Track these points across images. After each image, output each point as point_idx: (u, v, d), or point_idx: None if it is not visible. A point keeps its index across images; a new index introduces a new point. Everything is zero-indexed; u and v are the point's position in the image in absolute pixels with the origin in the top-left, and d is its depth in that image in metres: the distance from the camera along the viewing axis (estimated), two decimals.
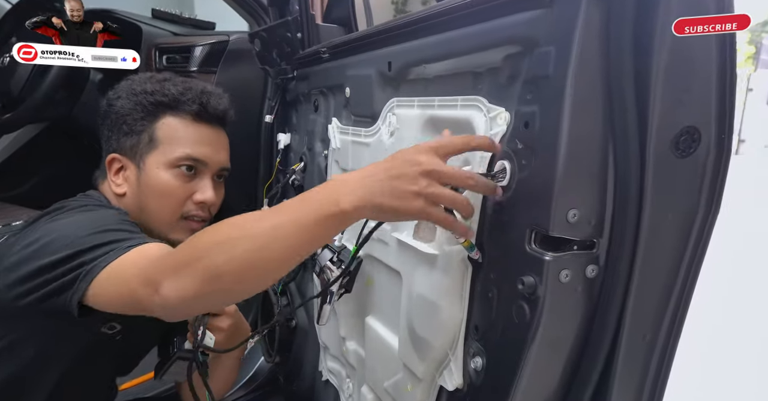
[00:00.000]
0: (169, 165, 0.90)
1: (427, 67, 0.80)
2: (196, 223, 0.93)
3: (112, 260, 0.70)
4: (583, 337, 0.62)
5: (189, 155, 0.90)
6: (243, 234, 0.59)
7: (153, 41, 1.69)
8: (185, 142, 0.91)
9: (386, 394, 0.96)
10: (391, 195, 0.57)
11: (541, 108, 0.58)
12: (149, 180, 0.90)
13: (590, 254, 0.59)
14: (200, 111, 0.92)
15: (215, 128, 0.96)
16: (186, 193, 0.91)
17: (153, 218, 0.91)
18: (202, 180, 0.93)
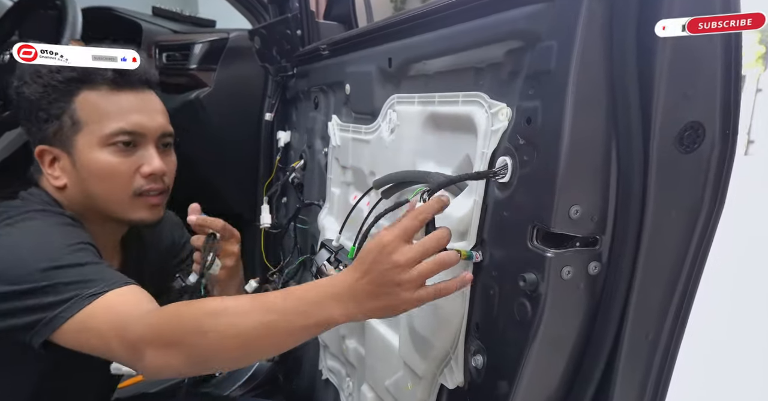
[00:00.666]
0: (103, 144, 0.81)
1: (427, 64, 0.80)
2: (153, 197, 0.87)
3: (75, 311, 0.67)
4: (585, 335, 0.62)
5: (121, 129, 0.81)
6: (231, 328, 0.62)
7: (153, 39, 1.69)
8: (112, 115, 0.81)
9: (387, 393, 0.95)
10: (382, 301, 0.60)
11: (543, 103, 0.57)
12: (86, 165, 0.82)
13: (593, 250, 0.58)
14: (116, 77, 0.82)
15: (141, 92, 0.85)
16: (130, 169, 0.83)
17: (105, 203, 0.85)
18: (145, 151, 0.84)
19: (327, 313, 0.61)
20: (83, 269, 0.71)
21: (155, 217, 0.88)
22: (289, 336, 0.63)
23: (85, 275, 0.70)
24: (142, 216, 0.87)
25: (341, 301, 0.60)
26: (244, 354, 0.65)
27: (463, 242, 0.70)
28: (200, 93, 1.54)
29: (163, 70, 1.66)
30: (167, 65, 1.64)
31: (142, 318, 0.66)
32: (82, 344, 0.69)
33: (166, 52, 1.65)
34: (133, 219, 0.87)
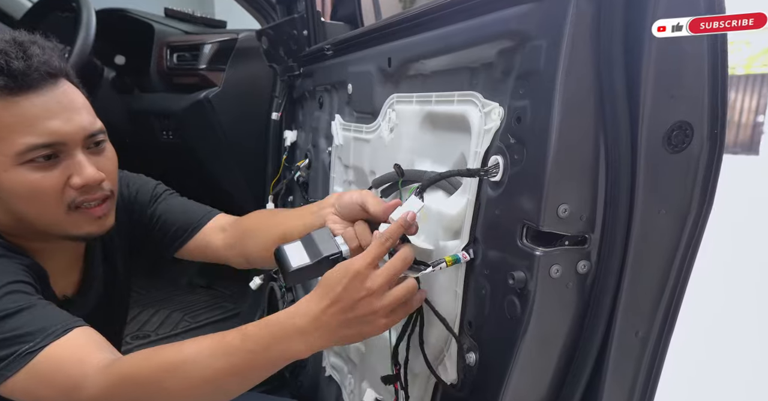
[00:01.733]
0: (17, 162, 0.68)
1: (425, 63, 0.81)
2: (94, 208, 0.75)
3: (15, 369, 0.61)
4: (575, 333, 0.62)
5: (32, 145, 0.68)
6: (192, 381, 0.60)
7: (165, 40, 1.72)
8: (18, 129, 0.67)
9: (385, 390, 0.96)
10: (354, 329, 0.60)
11: (532, 103, 0.58)
12: (4, 187, 0.70)
13: (582, 249, 0.58)
14: (10, 82, 0.66)
15: (48, 90, 0.69)
16: (57, 183, 0.71)
17: (39, 225, 0.74)
18: (71, 160, 0.71)
19: (289, 348, 0.60)
20: (15, 319, 0.63)
21: (103, 228, 0.77)
22: (253, 375, 0.62)
23: (19, 327, 0.62)
24: (88, 230, 0.76)
25: (305, 334, 0.59)
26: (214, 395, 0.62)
27: (456, 240, 0.71)
28: (209, 93, 1.57)
29: (174, 70, 1.69)
30: (178, 65, 1.68)
31: (95, 377, 0.60)
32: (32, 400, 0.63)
33: (176, 53, 1.68)
34: (78, 235, 0.76)
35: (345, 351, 1.16)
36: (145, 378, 0.60)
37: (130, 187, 0.97)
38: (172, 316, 2.02)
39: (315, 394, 1.44)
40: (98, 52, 1.58)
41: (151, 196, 0.98)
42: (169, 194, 1.00)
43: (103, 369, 0.61)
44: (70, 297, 0.84)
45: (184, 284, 2.32)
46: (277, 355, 0.60)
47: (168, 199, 0.99)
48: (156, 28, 1.73)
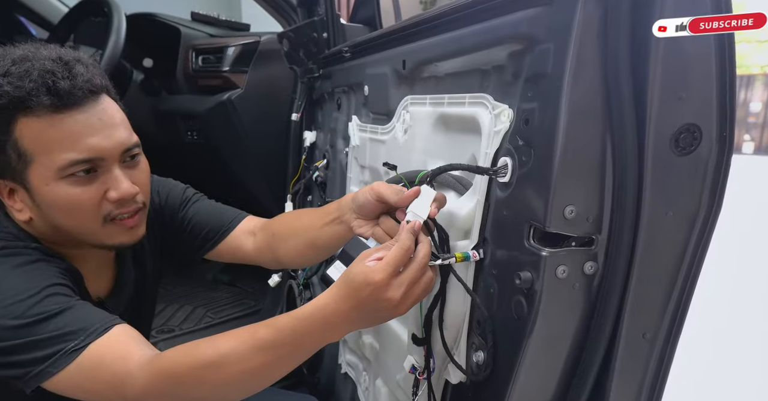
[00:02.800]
0: (58, 177, 0.71)
1: (438, 65, 0.82)
2: (127, 220, 0.78)
3: (62, 367, 0.64)
4: (581, 334, 0.62)
5: (75, 160, 0.70)
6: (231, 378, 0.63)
7: (190, 43, 1.77)
8: (61, 144, 0.70)
9: (398, 387, 0.98)
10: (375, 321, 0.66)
11: (540, 105, 0.58)
12: (45, 200, 0.73)
13: (588, 250, 0.59)
14: (54, 100, 0.69)
15: (89, 107, 0.72)
16: (95, 197, 0.74)
17: (76, 234, 0.77)
18: (108, 174, 0.74)
19: (322, 338, 0.65)
20: (57, 320, 0.66)
21: (134, 238, 0.80)
22: (286, 367, 0.66)
23: (62, 327, 0.65)
24: (121, 240, 0.79)
25: (333, 327, 0.64)
26: (246, 393, 0.67)
27: (466, 240, 0.72)
28: (232, 94, 1.61)
29: (199, 73, 1.74)
30: (202, 68, 1.73)
31: (139, 373, 0.64)
32: (78, 395, 0.67)
33: (201, 55, 1.73)
34: (112, 245, 0.80)
35: (360, 348, 1.18)
36: (185, 374, 0.64)
37: (161, 193, 1.00)
38: (196, 312, 2.08)
39: (332, 390, 1.46)
40: (128, 55, 1.64)
41: (181, 200, 1.01)
42: (198, 197, 1.03)
43: (145, 365, 0.64)
44: (103, 299, 0.87)
45: (208, 281, 2.38)
46: (309, 346, 0.65)
47: (198, 202, 1.02)
48: (182, 32, 1.78)
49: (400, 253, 0.62)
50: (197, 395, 0.65)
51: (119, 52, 1.49)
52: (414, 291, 0.63)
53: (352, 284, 0.62)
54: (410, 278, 0.62)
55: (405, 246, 0.63)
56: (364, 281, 0.61)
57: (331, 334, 0.65)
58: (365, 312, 0.63)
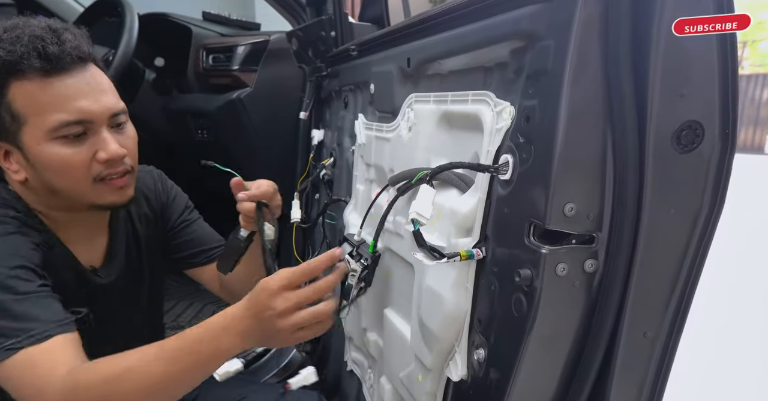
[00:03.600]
0: (49, 137, 0.75)
1: (442, 63, 0.82)
2: (117, 180, 0.82)
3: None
4: (582, 332, 0.62)
5: (65, 121, 0.75)
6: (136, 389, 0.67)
7: (201, 42, 1.79)
8: (52, 106, 0.74)
9: (401, 385, 0.98)
10: (267, 340, 0.69)
11: (541, 102, 0.58)
12: (38, 160, 0.77)
13: (589, 248, 0.58)
14: (46, 64, 0.73)
15: (78, 72, 0.76)
16: (86, 157, 0.78)
17: (67, 194, 0.81)
18: (97, 136, 0.78)
19: (219, 346, 0.67)
20: (8, 311, 0.69)
21: (124, 198, 0.85)
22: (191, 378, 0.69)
23: (9, 322, 0.68)
24: (111, 200, 0.83)
25: (230, 334, 0.67)
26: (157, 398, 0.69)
27: (468, 238, 0.72)
28: (241, 93, 1.62)
29: (209, 71, 1.76)
30: (213, 66, 1.74)
31: (58, 384, 0.66)
32: (8, 389, 0.70)
33: (212, 55, 1.75)
34: (102, 204, 0.83)
35: (365, 346, 1.19)
36: (96, 387, 0.67)
37: (169, 190, 1.07)
38: (205, 309, 2.10)
39: (337, 388, 1.47)
40: (140, 54, 1.67)
41: (185, 207, 1.09)
42: (199, 217, 1.11)
43: (66, 376, 0.67)
44: (96, 268, 0.92)
45: None
46: (212, 355, 0.68)
47: (199, 221, 1.10)
48: (194, 31, 1.80)
49: (303, 268, 0.67)
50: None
51: (131, 51, 1.51)
52: (301, 313, 0.66)
53: (255, 290, 0.67)
54: (301, 296, 0.66)
55: (312, 264, 0.67)
56: (260, 287, 0.66)
57: (231, 342, 0.67)
58: (259, 321, 0.66)
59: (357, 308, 1.16)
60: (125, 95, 1.82)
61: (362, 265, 0.99)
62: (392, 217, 0.98)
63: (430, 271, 0.80)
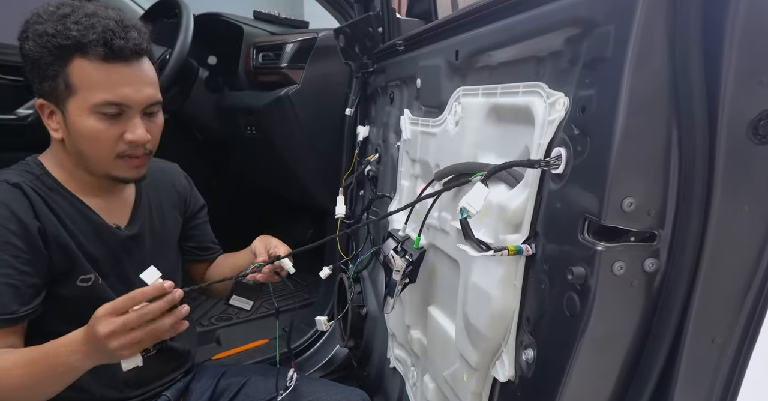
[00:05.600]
0: (91, 111, 0.86)
1: (491, 55, 0.79)
2: (135, 159, 0.93)
3: None
4: (641, 335, 0.58)
5: (108, 101, 0.86)
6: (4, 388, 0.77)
7: (252, 41, 1.84)
8: (101, 86, 0.85)
9: (445, 383, 0.96)
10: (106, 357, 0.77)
11: (598, 91, 0.55)
12: (75, 126, 0.87)
13: (649, 246, 0.55)
14: (108, 52, 0.84)
15: (131, 64, 0.88)
16: (114, 135, 0.88)
17: (90, 161, 0.91)
18: (130, 120, 0.89)
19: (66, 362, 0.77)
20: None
21: (137, 175, 0.96)
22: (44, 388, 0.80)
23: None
24: (125, 175, 0.94)
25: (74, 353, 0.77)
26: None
27: (517, 234, 0.69)
28: (289, 90, 1.65)
29: (259, 69, 1.80)
30: (262, 64, 1.78)
31: None
32: None
33: (262, 53, 1.79)
34: (117, 176, 0.93)
35: (408, 343, 1.18)
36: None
37: (192, 187, 1.22)
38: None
39: (380, 385, 1.47)
40: (194, 53, 1.72)
41: (202, 205, 1.24)
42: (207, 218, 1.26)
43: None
44: (121, 227, 1.02)
45: None
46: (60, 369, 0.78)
47: (206, 223, 1.25)
48: (245, 30, 1.85)
49: (126, 297, 0.75)
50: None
51: (186, 50, 1.56)
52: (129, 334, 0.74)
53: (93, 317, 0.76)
54: (123, 321, 0.73)
55: (136, 293, 0.75)
56: (93, 315, 0.75)
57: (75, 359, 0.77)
58: (92, 343, 0.75)
59: (400, 305, 1.16)
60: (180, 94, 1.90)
61: (407, 261, 0.98)
62: (437, 213, 0.96)
63: (477, 268, 0.78)
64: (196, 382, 1.14)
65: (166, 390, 1.07)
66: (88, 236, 0.94)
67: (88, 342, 0.76)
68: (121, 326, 0.73)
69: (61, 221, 0.91)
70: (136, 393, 1.02)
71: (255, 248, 1.08)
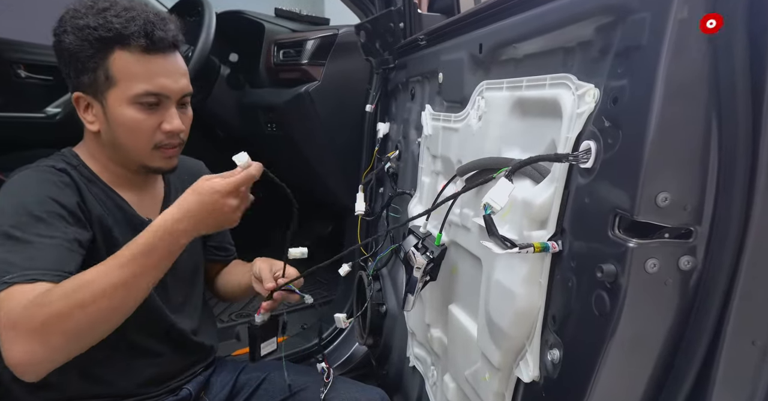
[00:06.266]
0: (131, 101, 0.89)
1: (517, 47, 0.77)
2: (169, 150, 0.95)
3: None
4: (675, 336, 0.56)
5: (148, 91, 0.89)
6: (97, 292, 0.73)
7: (273, 38, 1.84)
8: (142, 77, 0.88)
9: (466, 383, 0.95)
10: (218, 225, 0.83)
11: (632, 81, 0.53)
12: (115, 117, 0.90)
13: (685, 243, 0.52)
14: (148, 44, 0.88)
15: (169, 56, 0.92)
16: (153, 125, 0.91)
17: (128, 152, 0.94)
18: (167, 110, 0.92)
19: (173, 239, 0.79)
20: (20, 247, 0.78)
21: (170, 166, 0.98)
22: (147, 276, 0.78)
23: (13, 256, 0.77)
24: (159, 165, 0.96)
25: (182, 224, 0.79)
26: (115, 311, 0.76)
27: (543, 230, 0.67)
28: (309, 86, 1.64)
29: (280, 66, 1.80)
30: (283, 61, 1.78)
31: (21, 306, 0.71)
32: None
33: (282, 50, 1.79)
34: (151, 167, 0.96)
35: (428, 342, 1.16)
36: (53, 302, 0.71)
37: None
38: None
39: (399, 384, 1.45)
40: (215, 50, 1.73)
41: None
42: None
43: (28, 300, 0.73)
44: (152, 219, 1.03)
45: None
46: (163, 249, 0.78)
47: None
48: (266, 27, 1.85)
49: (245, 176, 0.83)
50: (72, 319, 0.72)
51: (208, 48, 1.57)
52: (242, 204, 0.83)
53: (201, 192, 0.81)
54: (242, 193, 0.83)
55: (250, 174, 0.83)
56: (210, 189, 0.80)
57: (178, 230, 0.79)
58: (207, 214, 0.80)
59: (421, 303, 1.14)
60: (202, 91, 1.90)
61: (428, 258, 0.97)
62: (458, 209, 0.95)
63: (500, 265, 0.76)
64: (216, 376, 1.14)
65: (188, 383, 1.08)
66: (122, 227, 0.96)
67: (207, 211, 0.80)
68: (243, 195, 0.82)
69: (103, 209, 0.93)
70: (158, 388, 1.03)
71: (260, 272, 1.05)
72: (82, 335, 0.74)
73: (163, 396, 1.03)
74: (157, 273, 0.80)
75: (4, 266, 0.76)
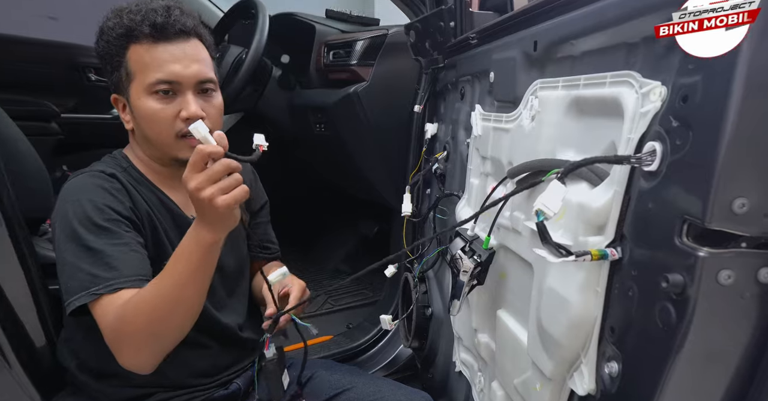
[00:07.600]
0: (147, 92, 0.91)
1: (574, 44, 0.74)
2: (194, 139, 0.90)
3: (83, 302, 0.84)
4: (752, 354, 0.51)
5: (159, 79, 0.90)
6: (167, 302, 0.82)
7: (323, 39, 1.86)
8: (152, 66, 0.90)
9: (515, 392, 0.92)
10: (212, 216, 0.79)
11: (705, 77, 0.49)
12: (137, 110, 0.93)
13: (765, 254, 0.48)
14: (153, 31, 0.90)
15: (179, 43, 0.92)
16: (171, 114, 0.92)
17: (155, 144, 0.95)
18: (183, 97, 0.92)
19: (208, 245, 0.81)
20: (97, 258, 0.85)
21: None
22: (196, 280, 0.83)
23: (97, 268, 0.85)
24: (188, 155, 0.90)
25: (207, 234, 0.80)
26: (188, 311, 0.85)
27: (600, 236, 0.64)
28: (358, 87, 1.65)
29: (329, 67, 1.82)
30: (333, 62, 1.80)
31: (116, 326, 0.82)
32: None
33: (332, 50, 1.80)
34: (180, 158, 0.94)
35: (475, 347, 1.13)
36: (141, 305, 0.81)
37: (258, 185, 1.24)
38: (318, 298, 2.19)
39: (444, 388, 1.43)
40: (268, 52, 1.77)
41: (263, 204, 1.25)
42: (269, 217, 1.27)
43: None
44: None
45: (330, 270, 2.50)
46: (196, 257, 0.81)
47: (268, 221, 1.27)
48: (317, 29, 1.88)
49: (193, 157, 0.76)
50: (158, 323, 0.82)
51: (261, 50, 1.61)
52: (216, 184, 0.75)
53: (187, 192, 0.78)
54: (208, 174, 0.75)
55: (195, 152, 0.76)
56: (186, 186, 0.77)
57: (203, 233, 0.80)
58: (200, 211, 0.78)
59: (467, 307, 1.12)
60: (255, 92, 1.95)
61: (475, 261, 0.94)
62: (509, 212, 0.92)
63: (553, 271, 0.73)
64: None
65: (237, 378, 1.10)
66: (170, 226, 0.99)
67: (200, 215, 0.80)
68: (207, 178, 0.76)
69: (151, 209, 0.97)
70: (210, 380, 1.06)
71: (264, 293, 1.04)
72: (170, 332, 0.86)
73: (213, 389, 1.05)
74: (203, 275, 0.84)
75: (89, 278, 0.84)
